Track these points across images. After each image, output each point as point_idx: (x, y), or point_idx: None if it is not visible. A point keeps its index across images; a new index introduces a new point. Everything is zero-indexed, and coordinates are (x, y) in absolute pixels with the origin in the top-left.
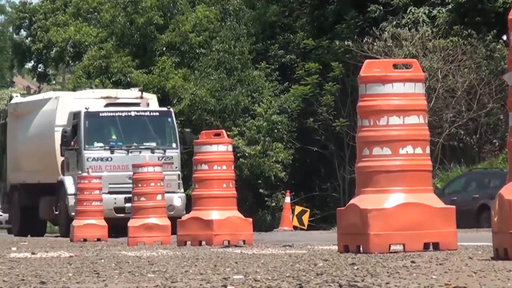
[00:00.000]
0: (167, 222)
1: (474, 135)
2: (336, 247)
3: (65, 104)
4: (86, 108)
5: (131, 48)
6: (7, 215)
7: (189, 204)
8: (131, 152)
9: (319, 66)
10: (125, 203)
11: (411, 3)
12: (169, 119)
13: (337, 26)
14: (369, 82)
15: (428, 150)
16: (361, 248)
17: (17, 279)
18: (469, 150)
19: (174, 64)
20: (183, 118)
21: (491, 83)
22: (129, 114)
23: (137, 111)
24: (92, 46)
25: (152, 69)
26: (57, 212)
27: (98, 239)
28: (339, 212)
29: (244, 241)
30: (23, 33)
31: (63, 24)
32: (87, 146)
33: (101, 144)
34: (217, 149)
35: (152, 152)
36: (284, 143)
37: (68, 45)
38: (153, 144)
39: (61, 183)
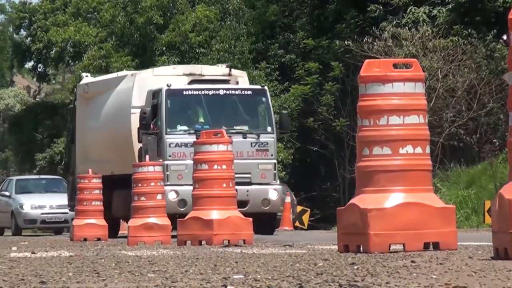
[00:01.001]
0: (167, 222)
1: (474, 134)
2: (336, 247)
3: (142, 82)
4: (167, 85)
5: (131, 48)
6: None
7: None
8: None
9: (319, 66)
10: None
11: (411, 3)
12: (264, 99)
13: (337, 26)
14: (369, 82)
15: (428, 150)
16: (361, 248)
17: (17, 279)
18: (469, 150)
19: (174, 64)
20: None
21: (491, 83)
22: (217, 92)
23: (227, 89)
24: (92, 46)
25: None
26: None
27: (98, 239)
28: (339, 211)
29: (244, 240)
30: (23, 33)
31: (63, 24)
32: (169, 130)
33: (185, 128)
34: (217, 148)
35: (244, 137)
36: (284, 143)
37: (68, 45)
38: (245, 128)
39: None
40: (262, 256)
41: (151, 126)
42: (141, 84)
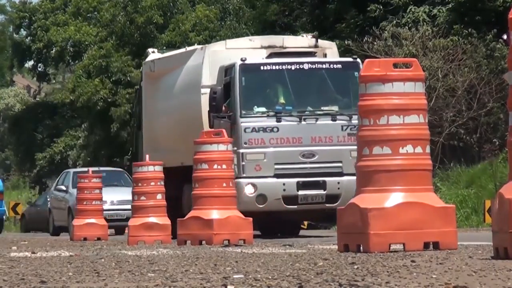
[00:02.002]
0: (167, 221)
1: (474, 134)
2: (336, 247)
3: (214, 56)
4: (242, 59)
5: (131, 48)
6: None
7: None
8: (304, 119)
9: None
10: (297, 190)
11: (411, 3)
12: (357, 74)
13: (337, 26)
14: (369, 82)
15: (428, 150)
16: (361, 248)
17: (17, 278)
18: (469, 150)
19: None
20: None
21: (491, 83)
22: (301, 67)
23: (312, 63)
24: (92, 46)
25: None
26: None
27: (98, 238)
28: (339, 211)
29: (244, 240)
30: (23, 32)
31: (63, 24)
32: (244, 112)
33: (264, 109)
34: (217, 148)
35: (333, 119)
36: None
37: (68, 45)
38: (335, 108)
39: None
40: (262, 256)
41: (223, 108)
42: (212, 60)
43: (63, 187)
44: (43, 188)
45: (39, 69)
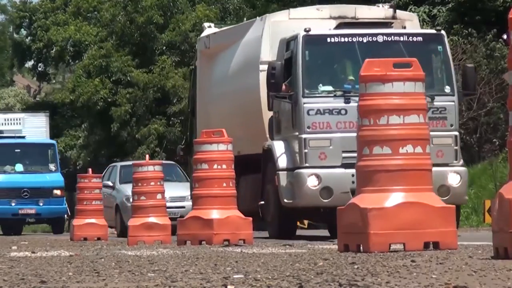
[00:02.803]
0: (167, 221)
1: (474, 134)
2: (336, 246)
3: (275, 28)
4: (306, 30)
5: (131, 47)
6: None
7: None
8: None
9: None
10: None
11: (411, 2)
12: (440, 48)
13: None
14: (369, 81)
15: (428, 149)
16: (361, 247)
17: (17, 278)
18: (469, 149)
19: (174, 63)
20: (183, 117)
21: (491, 82)
22: (374, 39)
23: (388, 35)
24: (92, 45)
25: (152, 68)
26: (262, 202)
27: (98, 238)
28: (339, 211)
29: (244, 240)
30: (23, 32)
31: (63, 23)
32: (307, 92)
33: (330, 88)
34: (217, 148)
35: None
36: None
37: (68, 44)
38: None
39: (268, 154)
40: (262, 256)
41: (283, 86)
42: (273, 31)
43: (110, 183)
44: None
45: (39, 69)
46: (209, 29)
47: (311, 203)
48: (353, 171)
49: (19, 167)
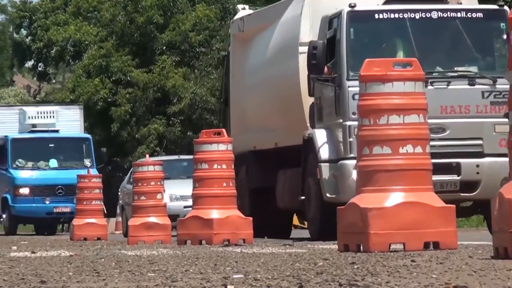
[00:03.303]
0: (167, 221)
1: None
2: (336, 246)
3: (316, 4)
4: (351, 5)
5: (131, 47)
6: None
7: None
8: (432, 83)
9: None
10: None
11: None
12: (502, 25)
13: None
14: (369, 81)
15: (428, 149)
16: (361, 247)
17: (17, 278)
18: None
19: (174, 63)
20: (183, 117)
21: None
22: (428, 15)
23: (443, 11)
24: (92, 45)
25: (152, 68)
26: (303, 198)
27: (98, 238)
28: (339, 211)
29: (244, 240)
30: (23, 32)
31: (63, 23)
32: (352, 74)
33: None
34: (217, 148)
35: (471, 84)
36: None
37: (68, 44)
38: (473, 69)
39: (308, 144)
40: (262, 256)
41: (326, 69)
42: (313, 9)
43: None
44: None
45: (39, 68)
46: (243, 11)
47: None
48: None
49: (53, 163)
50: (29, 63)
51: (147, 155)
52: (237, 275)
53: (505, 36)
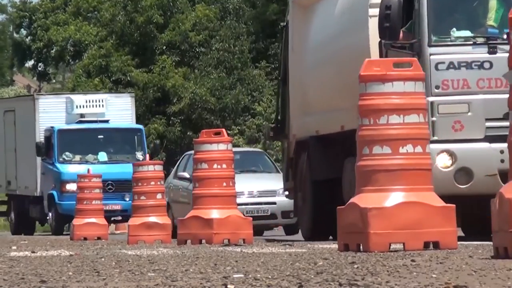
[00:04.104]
0: (167, 221)
1: None
2: (336, 246)
3: None
4: None
5: (131, 47)
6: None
7: None
8: None
9: None
10: None
11: None
12: None
13: None
14: (369, 81)
15: (428, 149)
16: (361, 247)
17: (17, 278)
18: None
19: (174, 63)
20: (183, 117)
21: None
22: None
23: None
24: (92, 45)
25: (152, 68)
26: None
27: (98, 238)
28: (339, 210)
29: (244, 240)
30: (23, 32)
31: (63, 23)
32: (435, 38)
33: (468, 33)
34: (217, 148)
35: None
36: None
37: (68, 44)
38: None
39: None
40: (262, 255)
41: (401, 34)
42: None
43: (186, 174)
44: None
45: (39, 68)
46: None
47: (442, 190)
48: (501, 146)
49: (102, 156)
50: (29, 63)
51: (147, 155)
52: (237, 275)
53: (505, 36)
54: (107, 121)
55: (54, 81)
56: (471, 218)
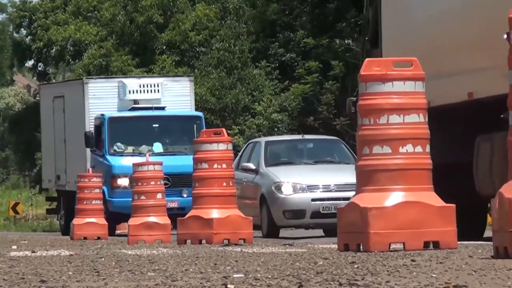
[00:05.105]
0: (167, 221)
1: None
2: (336, 246)
3: None
4: None
5: (131, 47)
6: None
7: None
8: None
9: (319, 64)
10: None
11: None
12: None
13: (337, 25)
14: (369, 81)
15: (428, 149)
16: (361, 247)
17: (17, 278)
18: None
19: (174, 63)
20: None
21: None
22: None
23: None
24: (92, 45)
25: (152, 67)
26: None
27: (98, 238)
28: (339, 210)
29: (244, 239)
30: (23, 31)
31: (63, 23)
32: None
33: None
34: (217, 147)
35: None
36: None
37: (68, 44)
38: None
39: None
40: (262, 255)
41: None
42: None
43: (251, 165)
44: (42, 188)
45: (39, 68)
46: None
47: None
48: None
49: (158, 147)
50: (29, 63)
51: (147, 155)
52: (237, 275)
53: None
54: (163, 108)
55: (54, 81)
56: None
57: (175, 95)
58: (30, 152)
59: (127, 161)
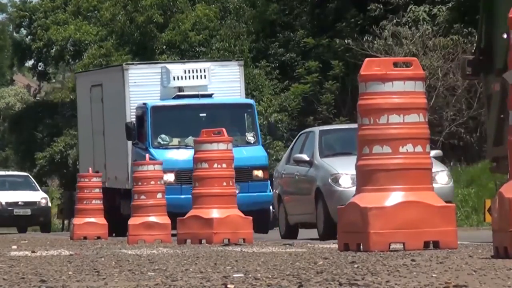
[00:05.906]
0: (167, 221)
1: (474, 133)
2: (336, 246)
3: None
4: None
5: (131, 47)
6: None
7: None
8: None
9: (319, 64)
10: None
11: (412, 2)
12: None
13: (337, 25)
14: (369, 81)
15: (428, 149)
16: (361, 247)
17: (17, 277)
18: (469, 149)
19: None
20: None
21: None
22: None
23: None
24: (92, 45)
25: None
26: None
27: (98, 237)
28: (340, 210)
29: (244, 239)
30: (23, 31)
31: (63, 23)
32: None
33: None
34: (217, 147)
35: None
36: (284, 142)
37: (68, 44)
38: None
39: None
40: (262, 255)
41: None
42: None
43: (305, 157)
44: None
45: (39, 68)
46: None
47: None
48: None
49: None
50: (29, 63)
51: (147, 155)
52: (237, 274)
53: (505, 36)
54: (210, 96)
55: (54, 80)
56: None
57: (223, 81)
58: (30, 152)
59: (172, 155)
